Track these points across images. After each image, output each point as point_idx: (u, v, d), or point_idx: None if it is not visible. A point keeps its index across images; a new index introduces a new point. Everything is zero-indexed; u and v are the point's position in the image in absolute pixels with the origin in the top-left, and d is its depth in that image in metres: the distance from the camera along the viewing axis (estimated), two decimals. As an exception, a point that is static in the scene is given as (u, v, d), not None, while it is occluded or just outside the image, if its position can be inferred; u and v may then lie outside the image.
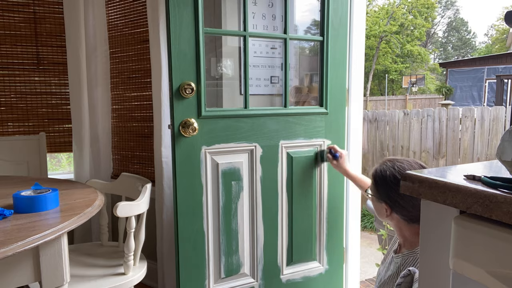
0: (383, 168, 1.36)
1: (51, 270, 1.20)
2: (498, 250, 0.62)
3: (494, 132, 3.91)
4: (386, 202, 1.34)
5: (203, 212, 1.75)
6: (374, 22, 25.34)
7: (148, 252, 2.22)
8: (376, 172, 1.38)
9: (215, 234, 1.80)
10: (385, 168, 1.35)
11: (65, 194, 1.55)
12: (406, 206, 1.31)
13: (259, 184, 1.87)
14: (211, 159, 1.76)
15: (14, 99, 2.47)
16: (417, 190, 0.74)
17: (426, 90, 25.15)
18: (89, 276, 1.68)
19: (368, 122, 4.65)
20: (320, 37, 1.94)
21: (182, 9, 1.62)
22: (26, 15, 2.44)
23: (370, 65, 25.03)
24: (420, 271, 0.81)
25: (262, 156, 1.86)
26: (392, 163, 1.36)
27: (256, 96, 2.15)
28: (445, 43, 38.61)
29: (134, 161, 2.51)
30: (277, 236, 1.93)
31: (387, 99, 17.97)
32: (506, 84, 9.94)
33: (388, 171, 1.33)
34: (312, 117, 1.96)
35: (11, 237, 1.07)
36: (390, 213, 1.35)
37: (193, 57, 1.67)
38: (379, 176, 1.36)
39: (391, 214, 1.36)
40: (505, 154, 0.67)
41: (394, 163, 1.36)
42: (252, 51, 2.10)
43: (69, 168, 5.37)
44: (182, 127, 1.67)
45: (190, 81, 1.67)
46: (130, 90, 2.47)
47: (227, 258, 1.84)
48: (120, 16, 2.44)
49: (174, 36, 1.62)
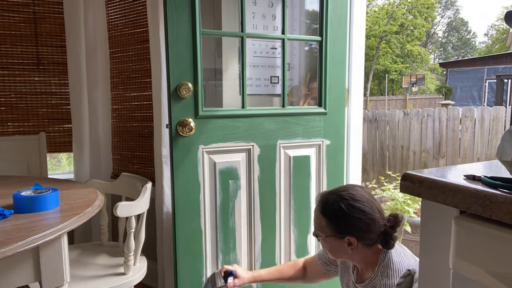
0: (333, 203, 1.27)
1: (51, 270, 1.20)
2: (498, 250, 0.62)
3: (494, 132, 3.91)
4: (351, 234, 1.26)
5: (201, 210, 1.77)
6: (374, 22, 25.35)
7: (148, 252, 2.22)
8: (326, 210, 1.28)
9: (213, 232, 1.81)
10: (334, 202, 1.26)
11: (65, 194, 1.55)
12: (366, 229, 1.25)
13: (256, 183, 1.88)
14: (209, 158, 1.77)
15: (14, 99, 2.47)
16: (417, 190, 0.74)
17: (426, 90, 25.16)
18: (89, 276, 1.68)
19: (368, 122, 4.65)
20: (318, 37, 1.94)
21: (180, 11, 1.64)
22: (26, 15, 2.44)
23: (370, 65, 25.04)
24: (420, 271, 0.81)
25: (260, 156, 1.87)
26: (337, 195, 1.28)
27: (257, 96, 2.15)
28: (445, 43, 38.61)
29: (134, 161, 2.51)
30: (275, 235, 1.94)
31: (387, 99, 17.98)
32: (506, 84, 9.94)
33: (341, 204, 1.25)
34: (311, 117, 1.96)
35: (11, 237, 1.07)
36: (356, 245, 1.27)
37: (190, 58, 1.69)
38: (334, 212, 1.27)
39: (357, 246, 1.27)
40: (505, 154, 0.67)
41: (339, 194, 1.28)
42: (252, 51, 2.10)
43: (69, 168, 5.37)
44: (179, 126, 1.69)
45: (187, 82, 1.69)
46: (130, 90, 2.47)
47: (225, 255, 1.85)
48: (120, 16, 2.44)
49: (172, 37, 1.64)
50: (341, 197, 1.27)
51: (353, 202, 1.25)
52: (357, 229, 1.25)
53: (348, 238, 1.26)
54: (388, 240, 1.27)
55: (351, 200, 1.25)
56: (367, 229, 1.25)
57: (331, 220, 1.28)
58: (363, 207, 1.25)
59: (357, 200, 1.26)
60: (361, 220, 1.24)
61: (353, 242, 1.26)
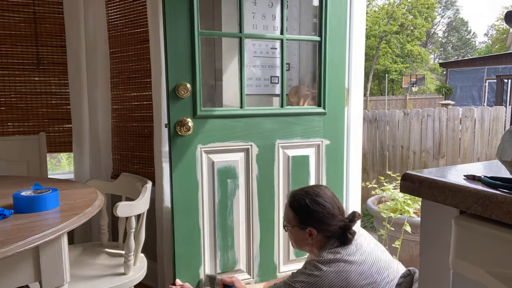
0: (300, 198, 1.47)
1: (51, 270, 1.20)
2: (498, 250, 0.62)
3: (494, 132, 3.92)
4: (313, 225, 1.44)
5: (199, 209, 1.78)
6: (374, 22, 25.35)
7: (148, 252, 2.21)
8: (294, 204, 1.48)
9: (211, 230, 1.82)
10: (301, 197, 1.46)
11: (65, 194, 1.55)
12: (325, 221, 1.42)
13: (255, 182, 1.88)
14: (207, 157, 1.78)
15: (14, 99, 2.47)
16: (417, 190, 0.74)
17: (426, 90, 25.17)
18: (89, 276, 1.68)
19: (368, 122, 4.65)
20: (317, 37, 1.94)
21: (178, 12, 1.65)
22: (26, 15, 2.44)
23: (370, 65, 25.04)
24: (420, 271, 0.81)
25: (258, 155, 1.88)
26: (304, 192, 1.48)
27: (257, 96, 2.15)
28: (445, 43, 38.61)
29: (134, 161, 2.51)
30: (273, 234, 1.95)
31: (387, 99, 17.97)
32: (506, 84, 9.95)
33: (306, 199, 1.45)
34: (310, 117, 1.97)
35: (11, 237, 1.07)
36: (316, 235, 1.44)
37: (189, 59, 1.70)
38: (300, 205, 1.46)
39: (316, 237, 1.45)
40: (505, 154, 0.67)
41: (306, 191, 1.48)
42: (253, 51, 2.10)
43: (69, 168, 5.37)
44: (178, 126, 1.70)
45: (186, 82, 1.70)
46: (130, 90, 2.47)
47: (223, 253, 1.86)
48: (120, 16, 2.44)
49: (170, 38, 1.65)
50: (307, 193, 1.47)
51: (316, 198, 1.45)
52: (318, 221, 1.43)
53: (309, 229, 1.45)
54: (345, 234, 1.43)
55: (315, 196, 1.45)
56: (326, 222, 1.43)
57: (296, 212, 1.47)
58: (324, 203, 1.44)
59: (320, 196, 1.45)
60: (321, 213, 1.43)
61: (313, 232, 1.45)
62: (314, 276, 1.35)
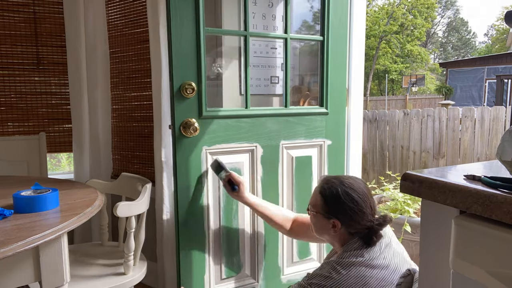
0: (332, 186, 1.36)
1: (51, 270, 1.20)
2: (498, 250, 0.62)
3: (494, 132, 3.92)
4: (338, 217, 1.35)
5: (204, 213, 1.75)
6: (374, 22, 25.35)
7: (148, 252, 2.21)
8: (325, 191, 1.38)
9: (216, 235, 1.80)
10: (334, 186, 1.36)
11: (65, 194, 1.55)
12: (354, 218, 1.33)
13: (260, 184, 1.87)
14: (212, 160, 1.75)
15: (14, 99, 2.47)
16: (417, 190, 0.74)
17: (426, 90, 25.17)
18: (89, 276, 1.68)
19: (368, 122, 4.65)
20: (320, 37, 1.94)
21: (183, 9, 1.62)
22: (26, 15, 2.44)
23: (370, 65, 25.04)
24: (420, 271, 0.81)
25: (263, 156, 1.86)
26: (339, 181, 1.37)
27: (256, 96, 2.15)
28: (445, 43, 38.61)
29: (134, 161, 2.51)
30: (277, 236, 1.93)
31: (387, 99, 17.97)
32: (506, 84, 9.94)
33: (339, 188, 1.34)
34: (313, 117, 1.96)
35: (11, 237, 1.07)
36: (339, 229, 1.36)
37: (194, 57, 1.66)
38: (331, 194, 1.36)
39: (339, 230, 1.36)
40: (505, 154, 0.67)
41: (340, 180, 1.38)
42: (252, 51, 2.10)
43: (69, 168, 5.37)
44: (183, 127, 1.66)
45: (191, 81, 1.66)
46: (130, 90, 2.47)
47: (228, 258, 1.84)
48: (120, 16, 2.44)
49: (175, 36, 1.61)
50: (342, 183, 1.36)
51: (349, 191, 1.34)
52: (345, 215, 1.33)
53: (333, 221, 1.36)
54: (371, 236, 1.33)
55: (349, 188, 1.34)
56: (354, 219, 1.33)
57: (325, 200, 1.37)
58: (357, 198, 1.33)
59: (354, 190, 1.34)
60: (351, 208, 1.32)
61: (337, 225, 1.35)
62: (331, 279, 1.28)
